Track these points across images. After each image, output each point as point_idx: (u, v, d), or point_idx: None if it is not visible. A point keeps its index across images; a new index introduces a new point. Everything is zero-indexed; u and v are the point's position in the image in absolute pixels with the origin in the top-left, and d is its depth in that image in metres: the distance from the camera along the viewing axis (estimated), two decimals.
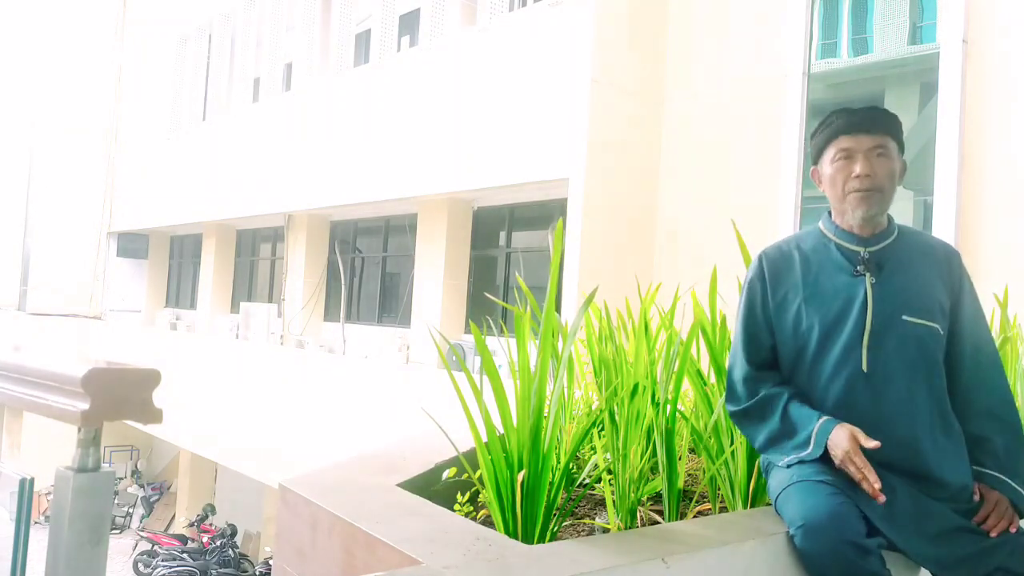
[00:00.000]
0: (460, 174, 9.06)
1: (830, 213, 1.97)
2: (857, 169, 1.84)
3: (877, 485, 1.67)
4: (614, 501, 1.90)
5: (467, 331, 10.11)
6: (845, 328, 1.83)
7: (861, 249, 1.88)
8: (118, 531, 15.41)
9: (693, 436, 2.16)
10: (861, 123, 1.86)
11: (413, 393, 7.92)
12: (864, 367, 1.81)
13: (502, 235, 10.30)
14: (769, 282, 1.94)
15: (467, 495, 2.03)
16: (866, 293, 1.84)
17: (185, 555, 12.46)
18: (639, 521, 1.97)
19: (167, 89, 16.12)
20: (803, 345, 1.88)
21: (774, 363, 1.95)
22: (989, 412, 1.86)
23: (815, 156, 1.97)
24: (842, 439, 1.73)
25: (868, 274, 1.85)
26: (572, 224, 7.44)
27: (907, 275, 1.87)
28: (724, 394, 1.99)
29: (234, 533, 13.04)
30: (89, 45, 18.16)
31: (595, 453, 2.11)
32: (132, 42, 18.11)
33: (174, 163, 15.62)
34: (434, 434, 2.16)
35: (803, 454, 1.78)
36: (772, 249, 1.99)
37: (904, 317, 1.82)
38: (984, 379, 1.88)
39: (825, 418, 1.78)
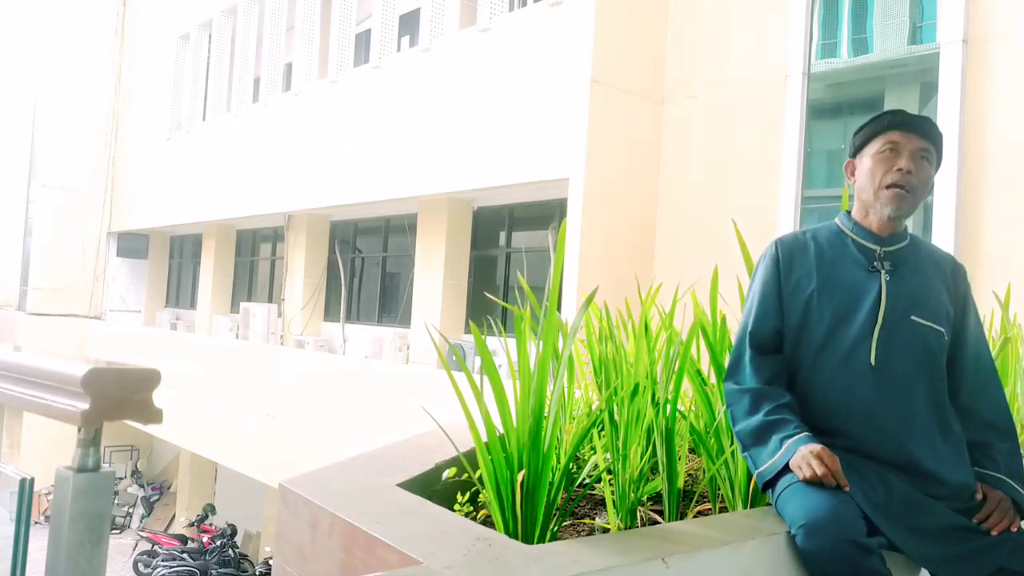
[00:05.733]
0: (460, 174, 9.05)
1: (848, 212, 2.01)
2: (901, 163, 1.87)
3: (843, 482, 1.68)
4: (614, 501, 1.90)
5: (467, 331, 10.10)
6: (856, 321, 1.85)
7: (877, 247, 1.92)
8: (118, 531, 15.41)
9: (693, 436, 2.16)
10: (914, 123, 1.90)
11: (413, 393, 7.92)
12: (872, 360, 1.82)
13: (502, 235, 10.30)
14: (783, 266, 1.95)
15: (467, 495, 2.02)
16: (880, 289, 1.87)
17: (185, 555, 12.46)
18: (639, 521, 1.97)
19: (167, 89, 16.11)
20: (811, 333, 1.89)
21: (779, 347, 1.94)
22: (990, 424, 1.91)
23: (856, 149, 1.99)
24: (812, 448, 1.72)
25: (883, 271, 1.89)
26: (572, 224, 7.43)
27: (918, 278, 1.91)
28: (727, 371, 1.97)
29: (234, 533, 13.04)
30: (89, 44, 18.14)
31: (595, 453, 2.11)
32: (132, 41, 18.11)
33: (174, 163, 15.62)
34: (434, 434, 2.16)
35: (774, 458, 1.77)
36: (787, 236, 2.01)
37: (913, 317, 1.86)
38: (985, 391, 1.94)
39: (805, 433, 1.77)
